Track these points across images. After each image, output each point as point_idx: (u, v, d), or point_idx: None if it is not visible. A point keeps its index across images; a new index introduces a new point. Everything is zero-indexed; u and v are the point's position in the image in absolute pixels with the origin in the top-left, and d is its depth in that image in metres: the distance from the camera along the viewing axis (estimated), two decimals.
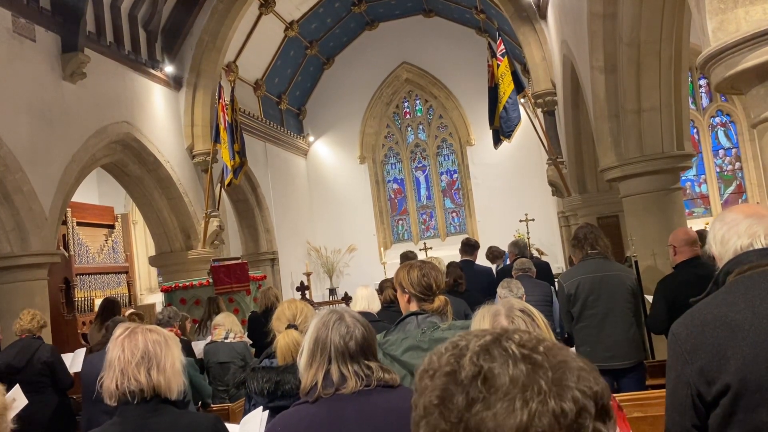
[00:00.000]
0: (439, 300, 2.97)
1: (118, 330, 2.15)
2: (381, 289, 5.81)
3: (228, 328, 5.91)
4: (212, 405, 5.40)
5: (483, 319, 2.25)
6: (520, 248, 8.31)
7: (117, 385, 2.03)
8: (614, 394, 2.63)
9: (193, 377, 5.03)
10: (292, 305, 3.19)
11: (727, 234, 1.90)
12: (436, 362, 0.82)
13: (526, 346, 0.79)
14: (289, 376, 2.73)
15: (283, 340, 2.86)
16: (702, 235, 5.04)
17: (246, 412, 3.05)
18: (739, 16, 3.02)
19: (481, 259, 8.48)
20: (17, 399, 4.61)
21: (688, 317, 1.82)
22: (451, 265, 6.53)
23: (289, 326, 2.96)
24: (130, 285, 12.60)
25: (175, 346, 2.15)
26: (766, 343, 1.64)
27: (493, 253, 9.46)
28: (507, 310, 2.23)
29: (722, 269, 1.88)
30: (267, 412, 2.80)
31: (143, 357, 2.05)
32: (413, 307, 2.97)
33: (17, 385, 4.86)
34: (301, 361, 2.06)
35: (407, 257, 6.87)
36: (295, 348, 2.68)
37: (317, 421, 1.95)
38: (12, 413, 1.71)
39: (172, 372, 2.08)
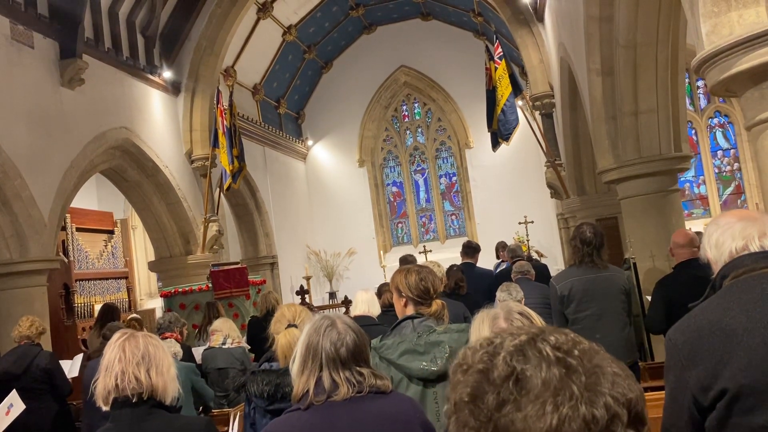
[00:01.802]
0: (437, 304, 2.98)
1: (117, 334, 2.19)
2: (380, 293, 5.81)
3: (226, 333, 5.89)
4: (213, 411, 5.40)
5: (482, 323, 2.27)
6: (513, 251, 8.31)
7: (116, 385, 2.05)
8: None
9: (194, 382, 5.03)
10: (291, 308, 3.21)
11: (722, 237, 1.90)
12: (470, 358, 0.82)
13: (561, 348, 0.78)
14: (288, 378, 2.73)
15: (284, 338, 2.87)
16: (700, 237, 5.06)
17: (246, 415, 3.06)
18: (732, 20, 3.04)
19: (483, 262, 8.48)
20: (15, 404, 4.62)
21: (684, 323, 1.82)
22: (452, 268, 6.54)
23: (289, 326, 2.97)
24: (129, 290, 12.60)
25: (170, 355, 2.19)
26: (761, 347, 1.65)
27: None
28: (506, 313, 2.25)
29: (718, 273, 1.88)
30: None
31: (144, 357, 2.10)
32: (410, 310, 2.98)
33: (14, 390, 4.85)
34: (293, 368, 2.06)
35: (406, 261, 6.88)
36: (296, 346, 2.69)
37: (309, 428, 1.95)
38: (9, 420, 1.72)
39: (169, 376, 2.11)
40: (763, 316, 1.68)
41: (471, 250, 8.05)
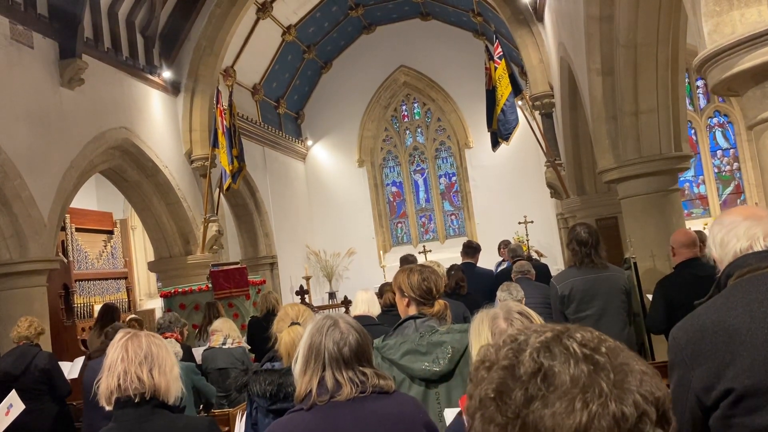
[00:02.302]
0: (439, 304, 2.98)
1: (119, 334, 2.19)
2: (381, 293, 5.80)
3: (226, 333, 5.89)
4: (213, 411, 5.39)
5: (482, 323, 2.26)
6: (513, 251, 8.31)
7: (119, 384, 2.05)
8: None
9: (195, 381, 5.04)
10: (294, 307, 3.21)
11: (726, 237, 1.89)
12: (493, 355, 0.81)
13: (588, 345, 0.77)
14: (291, 378, 2.72)
15: (287, 335, 2.86)
16: (701, 236, 5.05)
17: (249, 415, 3.06)
18: (734, 19, 3.03)
19: (483, 261, 8.47)
20: (15, 405, 4.61)
21: (688, 322, 1.81)
22: (452, 268, 6.53)
23: (293, 324, 2.97)
24: (129, 290, 12.59)
25: (173, 354, 2.18)
26: (765, 347, 1.64)
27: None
28: (505, 312, 2.24)
29: (723, 272, 1.88)
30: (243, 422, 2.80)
31: (146, 357, 2.09)
32: (412, 310, 2.97)
33: (13, 390, 4.84)
34: (296, 368, 2.06)
35: (407, 260, 6.87)
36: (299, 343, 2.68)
37: (312, 428, 1.94)
38: (9, 420, 1.71)
39: (171, 376, 2.10)
40: (767, 315, 1.68)
41: (471, 250, 8.05)
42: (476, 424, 0.78)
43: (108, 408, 2.09)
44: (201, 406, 5.27)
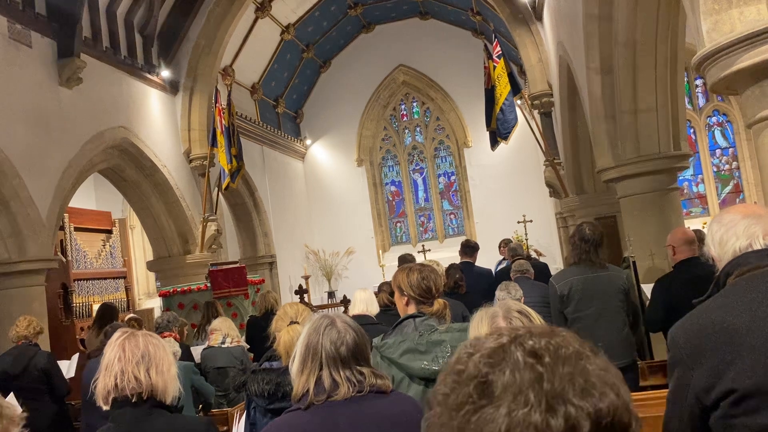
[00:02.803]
0: (439, 303, 2.97)
1: (117, 333, 2.18)
2: (380, 292, 5.80)
3: (225, 333, 5.88)
4: (212, 410, 5.39)
5: (481, 321, 2.26)
6: (513, 250, 8.31)
7: (116, 384, 2.04)
8: None
9: (194, 381, 5.03)
10: (293, 306, 3.21)
11: (725, 235, 1.88)
12: (455, 358, 0.82)
13: (535, 354, 0.76)
14: (289, 377, 2.71)
15: (286, 335, 2.86)
16: (699, 235, 5.05)
17: (247, 414, 3.05)
18: (733, 17, 3.03)
19: (481, 261, 8.47)
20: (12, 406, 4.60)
21: (687, 321, 1.80)
22: (451, 267, 6.53)
23: (292, 323, 2.96)
24: (128, 290, 12.58)
25: (170, 354, 2.17)
26: (765, 347, 1.63)
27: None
28: (504, 311, 2.24)
29: (722, 271, 1.86)
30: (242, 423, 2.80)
31: (143, 357, 2.08)
32: (411, 309, 2.96)
33: (11, 393, 4.84)
34: (293, 368, 2.05)
35: (405, 260, 6.87)
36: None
37: (309, 428, 1.93)
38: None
39: (169, 376, 2.09)
40: (767, 315, 1.67)
41: (470, 249, 8.04)
42: (423, 426, 0.79)
43: (105, 408, 2.08)
44: (200, 405, 5.27)
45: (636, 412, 0.77)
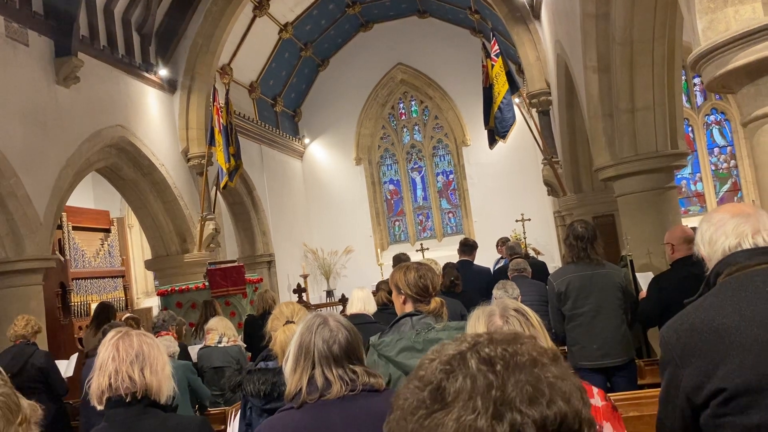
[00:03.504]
0: (435, 302, 2.98)
1: (111, 333, 2.17)
2: (378, 291, 5.80)
3: (221, 332, 5.88)
4: (209, 409, 5.39)
5: (478, 320, 2.25)
6: (511, 249, 8.32)
7: (110, 384, 2.04)
8: (609, 394, 2.64)
9: (191, 381, 5.02)
10: (289, 305, 3.20)
11: (715, 234, 1.88)
12: (419, 363, 0.84)
13: (489, 361, 0.78)
14: (285, 377, 2.72)
15: (282, 334, 2.85)
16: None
17: (243, 414, 3.05)
18: (728, 15, 3.03)
19: (480, 259, 8.48)
20: None
21: (677, 321, 1.81)
22: (447, 266, 6.53)
23: (288, 322, 2.96)
24: (126, 289, 12.57)
25: (165, 353, 2.17)
26: (754, 346, 1.64)
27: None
28: (501, 310, 2.23)
29: (712, 270, 1.87)
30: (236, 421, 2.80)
31: (137, 356, 2.07)
32: (409, 308, 2.97)
33: None
34: (287, 367, 2.06)
35: (400, 259, 6.88)
36: None
37: (302, 427, 1.94)
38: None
39: (163, 375, 2.10)
40: (756, 314, 1.67)
41: (468, 247, 8.06)
42: (385, 429, 0.81)
43: (99, 407, 2.08)
44: (197, 405, 5.26)
45: (590, 419, 0.78)
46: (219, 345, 5.80)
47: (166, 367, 2.13)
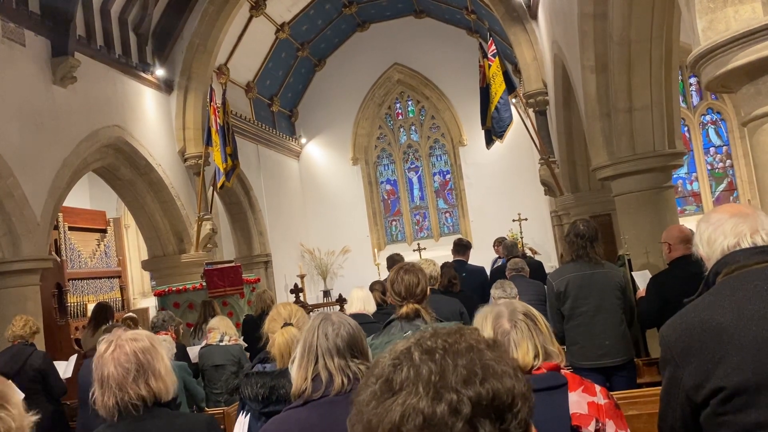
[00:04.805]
0: (408, 307, 2.98)
1: (102, 346, 2.09)
2: (372, 291, 5.80)
3: (223, 331, 5.88)
4: (207, 409, 5.37)
5: (485, 320, 2.21)
6: (508, 248, 8.33)
7: (117, 401, 2.00)
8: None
9: (187, 382, 5.01)
10: (286, 307, 3.16)
11: (713, 234, 1.89)
12: (374, 362, 0.94)
13: (429, 351, 0.88)
14: (283, 380, 2.69)
15: (281, 337, 2.82)
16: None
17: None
18: (728, 15, 3.04)
19: (476, 259, 8.49)
20: None
21: (677, 320, 1.82)
22: (444, 265, 6.53)
23: (285, 324, 2.93)
24: (123, 289, 12.55)
25: (159, 346, 2.13)
26: (753, 345, 1.64)
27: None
28: (510, 313, 2.17)
29: (711, 270, 1.88)
30: (247, 418, 2.79)
31: (138, 370, 2.02)
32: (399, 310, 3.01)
33: None
34: (293, 367, 2.07)
35: (393, 260, 6.88)
36: (294, 344, 2.64)
37: (309, 425, 1.94)
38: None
39: (166, 374, 2.07)
40: (754, 313, 1.68)
41: (462, 247, 8.07)
42: (348, 426, 0.90)
43: (113, 420, 2.04)
44: (194, 406, 5.26)
45: (524, 393, 0.87)
46: (221, 343, 5.80)
47: (166, 362, 2.10)
